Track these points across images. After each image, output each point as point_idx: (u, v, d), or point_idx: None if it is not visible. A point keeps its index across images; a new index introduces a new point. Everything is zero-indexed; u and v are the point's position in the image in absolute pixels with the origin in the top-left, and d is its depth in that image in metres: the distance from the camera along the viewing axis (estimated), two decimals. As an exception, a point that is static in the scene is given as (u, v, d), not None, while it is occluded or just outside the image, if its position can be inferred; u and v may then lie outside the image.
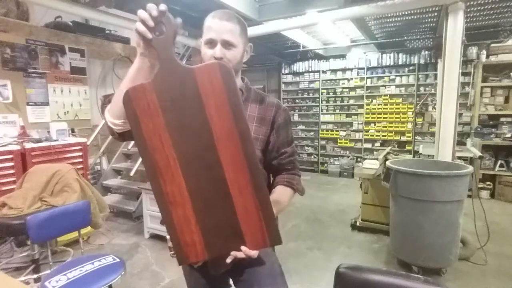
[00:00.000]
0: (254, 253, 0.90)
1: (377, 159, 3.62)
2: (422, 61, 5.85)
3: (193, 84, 0.85)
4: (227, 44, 0.99)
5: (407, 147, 6.04)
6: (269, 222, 0.89)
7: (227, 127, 0.86)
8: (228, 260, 0.91)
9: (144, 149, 0.87)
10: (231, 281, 1.14)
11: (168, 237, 1.21)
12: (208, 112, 0.85)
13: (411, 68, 6.00)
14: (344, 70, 6.65)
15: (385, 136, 6.32)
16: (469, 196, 2.49)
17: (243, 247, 0.89)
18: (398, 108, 6.12)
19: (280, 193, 1.10)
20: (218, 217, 0.89)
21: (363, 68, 6.40)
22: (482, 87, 4.83)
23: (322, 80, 6.84)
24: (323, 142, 7.04)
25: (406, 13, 4.17)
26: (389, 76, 6.21)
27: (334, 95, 6.81)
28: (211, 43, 1.00)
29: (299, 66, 7.07)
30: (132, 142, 3.75)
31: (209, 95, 0.85)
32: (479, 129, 4.75)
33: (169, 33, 0.83)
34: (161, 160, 0.87)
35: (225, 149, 0.86)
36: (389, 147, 4.95)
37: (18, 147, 3.12)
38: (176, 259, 0.93)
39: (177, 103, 0.85)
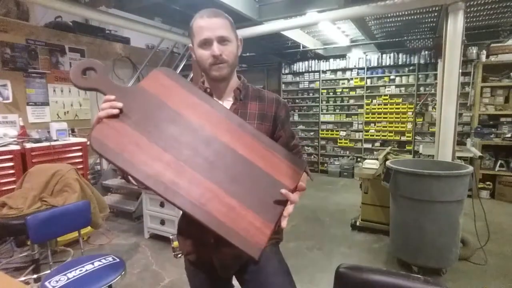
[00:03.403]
0: (294, 196, 0.85)
1: (377, 159, 3.61)
2: (422, 61, 5.84)
3: (152, 96, 0.86)
4: (222, 40, 0.98)
5: (407, 147, 6.04)
6: (286, 156, 0.92)
7: (205, 112, 0.88)
8: (285, 215, 0.84)
9: (149, 179, 0.79)
10: (234, 281, 1.14)
11: (171, 237, 1.21)
12: (181, 111, 0.87)
13: (411, 68, 5.99)
14: (344, 70, 6.64)
15: (385, 136, 6.32)
16: (469, 196, 2.49)
17: (282, 191, 0.83)
18: (398, 108, 6.12)
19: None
20: (253, 185, 0.85)
21: (363, 68, 6.39)
22: (482, 87, 4.83)
23: (322, 80, 6.83)
24: (323, 142, 7.04)
25: (406, 13, 4.17)
26: (389, 76, 6.21)
27: (334, 95, 6.80)
28: (207, 43, 0.98)
29: (299, 66, 7.06)
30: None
31: (170, 97, 0.87)
32: (479, 129, 4.75)
33: (100, 71, 0.87)
34: (171, 175, 0.81)
35: (218, 130, 0.87)
36: (389, 147, 4.95)
37: (18, 147, 3.12)
38: (251, 255, 0.79)
39: (152, 120, 0.85)
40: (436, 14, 4.22)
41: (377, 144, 6.42)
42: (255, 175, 0.86)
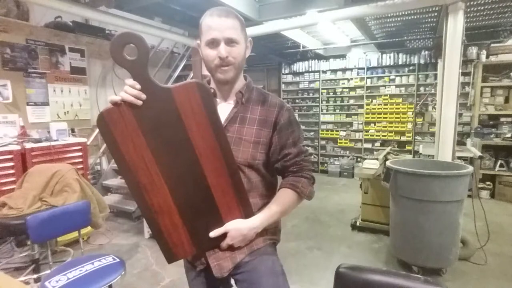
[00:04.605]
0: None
1: (377, 159, 3.61)
2: (422, 61, 5.84)
3: (172, 104, 0.86)
4: (230, 42, 0.96)
5: (407, 147, 6.04)
6: (247, 209, 0.98)
7: (209, 144, 0.89)
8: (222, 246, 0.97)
9: (125, 169, 0.88)
10: (232, 281, 1.14)
11: None
12: (190, 131, 0.87)
13: (411, 68, 6.00)
14: (344, 70, 6.64)
15: (385, 136, 6.32)
16: (469, 196, 2.49)
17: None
18: (398, 108, 6.12)
19: (279, 196, 1.04)
20: (204, 218, 0.94)
21: (363, 68, 6.40)
22: (482, 87, 4.83)
23: (322, 80, 6.84)
24: (323, 142, 7.04)
25: (406, 13, 4.17)
26: (389, 76, 6.21)
27: (334, 95, 6.81)
28: (214, 43, 0.95)
29: (299, 66, 7.07)
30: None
31: (189, 114, 0.87)
32: (479, 129, 4.75)
33: (142, 55, 0.83)
34: (144, 177, 0.88)
35: (208, 162, 0.90)
36: (389, 147, 4.94)
37: (18, 147, 3.12)
38: (165, 257, 0.96)
39: (157, 123, 0.86)
40: (436, 14, 4.22)
41: (377, 144, 6.42)
42: (210, 212, 0.94)
